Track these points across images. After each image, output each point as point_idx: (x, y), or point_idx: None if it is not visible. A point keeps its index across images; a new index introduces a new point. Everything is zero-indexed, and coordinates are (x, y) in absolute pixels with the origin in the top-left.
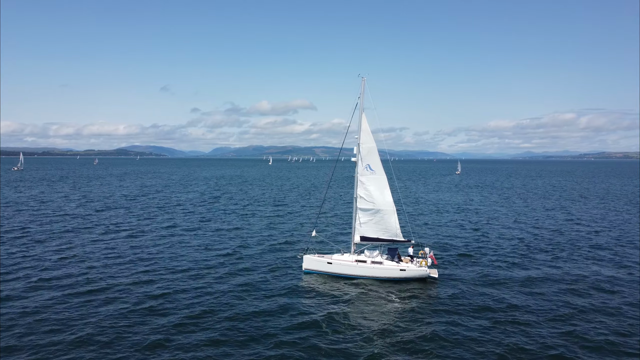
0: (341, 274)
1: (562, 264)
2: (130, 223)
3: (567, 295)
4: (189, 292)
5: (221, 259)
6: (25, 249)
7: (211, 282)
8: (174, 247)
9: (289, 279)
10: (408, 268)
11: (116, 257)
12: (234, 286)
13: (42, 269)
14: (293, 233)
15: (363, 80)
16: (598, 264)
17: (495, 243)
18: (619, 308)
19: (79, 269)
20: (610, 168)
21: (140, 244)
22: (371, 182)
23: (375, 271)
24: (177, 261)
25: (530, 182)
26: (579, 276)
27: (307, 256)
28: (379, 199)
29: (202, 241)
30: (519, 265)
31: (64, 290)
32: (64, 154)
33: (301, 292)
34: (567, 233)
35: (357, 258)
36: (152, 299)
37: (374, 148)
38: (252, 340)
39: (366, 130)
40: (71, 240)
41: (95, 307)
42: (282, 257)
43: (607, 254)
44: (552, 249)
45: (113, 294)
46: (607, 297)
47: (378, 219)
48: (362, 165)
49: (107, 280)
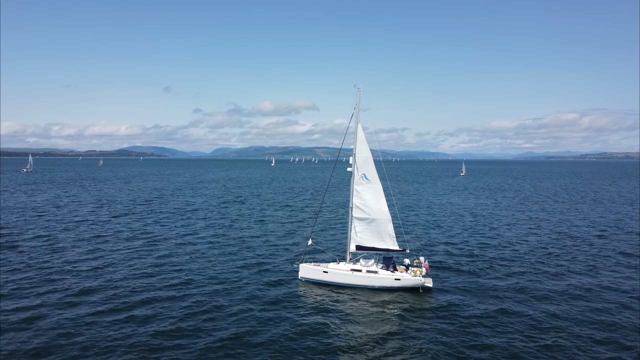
0: (337, 282)
1: (565, 272)
2: (145, 229)
3: (566, 305)
4: (184, 300)
5: (219, 265)
6: (48, 257)
7: (207, 289)
8: (183, 256)
9: (285, 287)
10: (403, 277)
11: (126, 264)
12: (231, 293)
13: (70, 276)
14: (290, 239)
15: (359, 91)
16: (602, 273)
17: (495, 250)
18: (622, 322)
19: (103, 279)
20: (613, 169)
21: (149, 252)
22: (367, 191)
23: (370, 280)
24: (179, 270)
25: (539, 184)
26: (581, 285)
27: (304, 265)
28: (374, 208)
29: (201, 247)
30: (516, 273)
31: (97, 306)
32: (65, 154)
33: (297, 301)
34: (576, 240)
35: (352, 267)
36: (147, 306)
37: (370, 157)
38: (248, 348)
39: (362, 140)
40: (96, 248)
41: (98, 310)
42: (279, 264)
43: (611, 262)
44: (556, 257)
45: (117, 300)
46: (612, 309)
47: (373, 228)
48: (358, 175)
49: (110, 283)
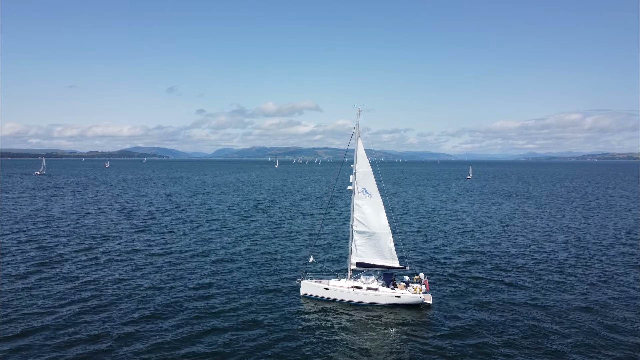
0: (338, 299)
1: (570, 288)
2: (163, 240)
3: (569, 325)
4: (185, 314)
5: (222, 280)
6: (94, 274)
7: (209, 304)
8: (185, 268)
9: (287, 303)
10: (403, 295)
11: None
12: (234, 307)
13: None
14: (293, 253)
15: (358, 111)
16: (609, 287)
17: (502, 262)
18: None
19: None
20: (615, 169)
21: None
22: (367, 205)
23: (370, 297)
24: (182, 280)
25: (552, 188)
26: (586, 300)
27: (305, 281)
28: (374, 222)
29: (207, 261)
30: (519, 288)
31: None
32: (67, 155)
33: (299, 317)
34: (586, 252)
35: (353, 284)
36: (146, 318)
37: (370, 172)
38: None
39: (362, 155)
40: (142, 264)
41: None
42: (280, 280)
43: (615, 276)
44: (564, 270)
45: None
46: (614, 324)
47: (373, 242)
48: (358, 189)
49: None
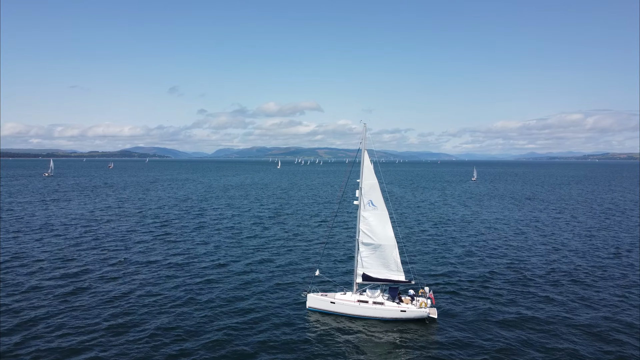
0: (344, 313)
1: (576, 300)
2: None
3: (572, 338)
4: (192, 326)
5: (229, 292)
6: (128, 287)
7: (217, 316)
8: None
9: (293, 317)
10: (408, 309)
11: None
12: (240, 319)
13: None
14: (301, 264)
15: (364, 126)
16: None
17: (510, 273)
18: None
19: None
20: (616, 170)
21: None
22: (373, 217)
23: (376, 312)
24: (185, 293)
25: (560, 192)
26: (590, 313)
27: (311, 295)
28: (380, 234)
29: (212, 272)
30: (527, 301)
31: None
32: (68, 155)
33: (305, 331)
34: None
35: (359, 298)
36: (153, 331)
37: (376, 185)
38: None
39: (368, 167)
40: (173, 275)
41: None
42: (287, 293)
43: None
44: (579, 282)
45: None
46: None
47: (379, 254)
48: (365, 201)
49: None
